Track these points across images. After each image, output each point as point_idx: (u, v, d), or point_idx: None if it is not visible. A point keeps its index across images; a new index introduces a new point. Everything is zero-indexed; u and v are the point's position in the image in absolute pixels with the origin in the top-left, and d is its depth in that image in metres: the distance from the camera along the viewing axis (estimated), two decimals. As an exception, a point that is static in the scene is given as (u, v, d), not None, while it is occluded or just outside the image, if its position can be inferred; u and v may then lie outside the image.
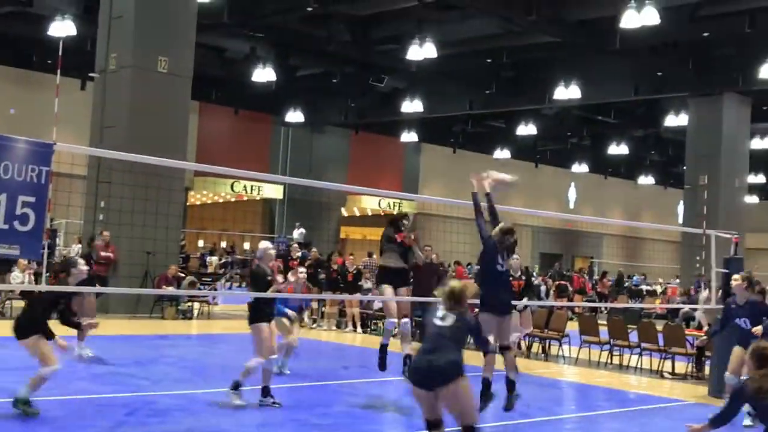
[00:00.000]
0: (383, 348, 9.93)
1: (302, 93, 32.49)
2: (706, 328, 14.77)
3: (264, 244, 9.77)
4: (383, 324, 10.03)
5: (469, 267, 30.05)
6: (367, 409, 9.68)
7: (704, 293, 15.88)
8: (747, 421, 9.90)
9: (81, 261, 8.91)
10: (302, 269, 12.05)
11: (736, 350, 9.97)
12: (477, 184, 8.88)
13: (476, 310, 8.66)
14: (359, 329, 18.56)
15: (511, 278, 12.48)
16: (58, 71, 8.18)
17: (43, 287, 8.77)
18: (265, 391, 9.34)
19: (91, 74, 20.19)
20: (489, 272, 8.63)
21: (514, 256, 13.09)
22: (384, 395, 9.97)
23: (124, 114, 18.89)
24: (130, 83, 18.91)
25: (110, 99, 19.22)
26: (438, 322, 6.32)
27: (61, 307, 8.56)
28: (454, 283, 6.58)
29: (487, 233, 8.72)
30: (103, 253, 18.41)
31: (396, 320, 9.71)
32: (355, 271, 18.96)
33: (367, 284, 19.48)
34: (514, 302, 11.13)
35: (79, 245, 21.41)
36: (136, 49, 18.87)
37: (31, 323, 8.27)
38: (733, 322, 10.14)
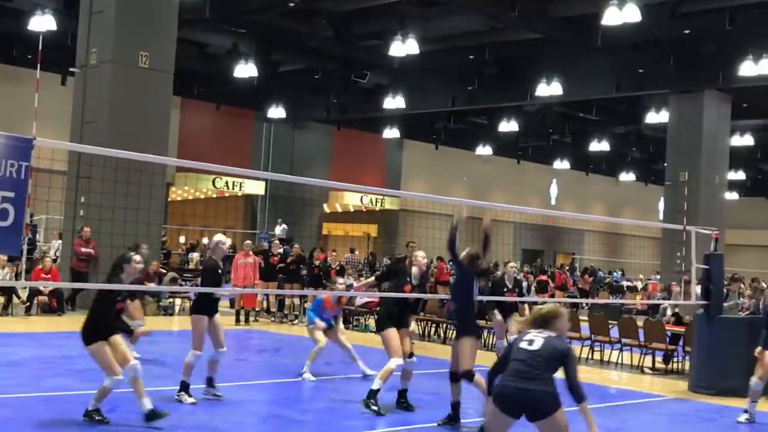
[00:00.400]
0: (403, 393, 9.53)
1: (284, 89, 32.42)
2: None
3: (217, 237, 9.70)
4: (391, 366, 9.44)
5: (450, 263, 30.10)
6: (348, 404, 9.68)
7: (676, 289, 15.97)
8: (741, 418, 10.02)
9: (137, 257, 8.41)
10: (341, 279, 11.79)
11: None
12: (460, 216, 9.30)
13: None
14: (341, 325, 18.53)
15: (505, 290, 12.52)
16: (38, 66, 8.12)
17: (23, 283, 8.67)
18: (209, 382, 9.31)
19: (71, 69, 20.07)
20: (469, 299, 8.78)
21: (510, 264, 13.12)
22: (365, 391, 9.94)
23: (105, 109, 18.78)
24: (110, 78, 18.79)
25: (91, 94, 19.09)
26: (525, 346, 5.82)
27: (119, 307, 8.24)
28: (544, 306, 6.19)
29: (458, 260, 8.89)
30: (83, 249, 18.36)
31: (401, 361, 9.32)
32: (338, 267, 18.95)
33: (349, 280, 19.47)
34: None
35: (60, 241, 21.29)
36: (117, 44, 18.75)
37: (95, 327, 8.05)
38: None
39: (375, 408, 9.04)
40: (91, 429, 7.66)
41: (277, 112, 33.33)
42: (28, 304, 17.35)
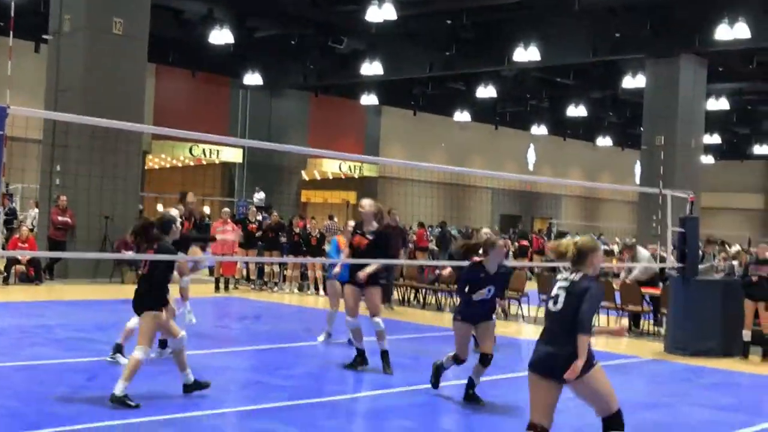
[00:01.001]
0: (382, 355, 9.52)
1: (260, 55, 32.17)
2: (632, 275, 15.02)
3: (174, 212, 9.99)
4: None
5: (430, 229, 30.20)
6: (329, 370, 9.76)
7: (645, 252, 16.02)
8: None
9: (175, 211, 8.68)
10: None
11: None
12: None
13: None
14: (321, 292, 18.59)
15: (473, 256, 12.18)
16: (11, 33, 8.03)
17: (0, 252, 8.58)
18: (163, 343, 9.52)
19: (44, 36, 19.82)
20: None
21: (484, 230, 12.71)
22: (347, 357, 10.04)
23: (79, 77, 18.61)
24: (84, 45, 18.60)
25: (64, 61, 18.89)
26: (551, 307, 5.54)
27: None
28: (581, 239, 5.74)
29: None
30: (60, 218, 18.26)
31: (350, 319, 9.51)
32: (318, 235, 18.96)
33: (328, 247, 19.48)
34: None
35: (36, 210, 21.16)
36: (91, 11, 18.53)
37: (157, 295, 7.77)
38: None
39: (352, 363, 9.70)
40: (69, 399, 7.67)
41: (253, 78, 33.10)
42: (5, 274, 17.27)
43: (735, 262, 14.64)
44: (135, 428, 6.67)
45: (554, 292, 5.57)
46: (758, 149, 47.61)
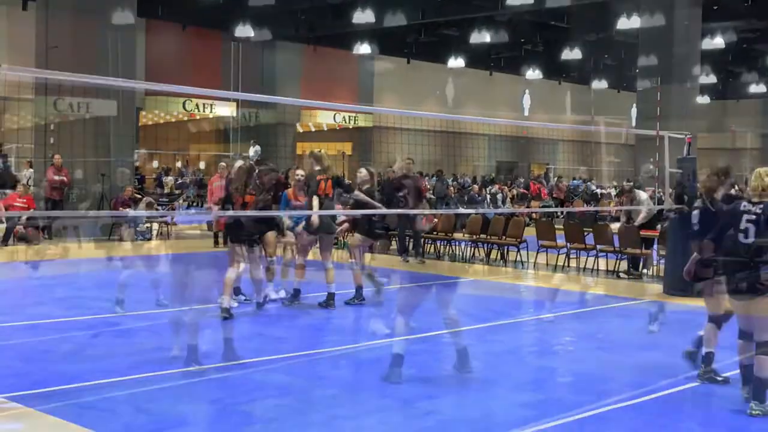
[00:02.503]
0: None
1: (251, 6, 31.79)
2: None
3: (239, 163, 10.58)
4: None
5: (427, 178, 30.17)
6: (331, 321, 9.82)
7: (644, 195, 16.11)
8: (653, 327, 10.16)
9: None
10: (300, 172, 11.49)
11: None
12: None
13: None
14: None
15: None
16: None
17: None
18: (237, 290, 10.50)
19: (31, -7, 19.59)
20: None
21: (361, 169, 11.60)
22: (344, 310, 10.10)
23: (69, 34, 18.41)
24: (72, 1, 18.38)
25: (53, 19, 18.69)
26: (741, 239, 6.24)
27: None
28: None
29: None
30: (56, 177, 18.22)
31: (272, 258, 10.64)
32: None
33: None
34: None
35: (31, 169, 21.10)
36: (78, -34, 18.30)
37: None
38: None
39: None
40: (74, 356, 7.72)
41: (244, 30, 32.73)
42: (4, 232, 17.27)
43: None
44: (140, 383, 6.73)
45: (743, 226, 6.20)
46: (754, 88, 47.37)
